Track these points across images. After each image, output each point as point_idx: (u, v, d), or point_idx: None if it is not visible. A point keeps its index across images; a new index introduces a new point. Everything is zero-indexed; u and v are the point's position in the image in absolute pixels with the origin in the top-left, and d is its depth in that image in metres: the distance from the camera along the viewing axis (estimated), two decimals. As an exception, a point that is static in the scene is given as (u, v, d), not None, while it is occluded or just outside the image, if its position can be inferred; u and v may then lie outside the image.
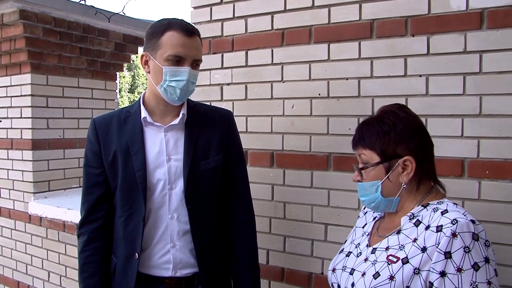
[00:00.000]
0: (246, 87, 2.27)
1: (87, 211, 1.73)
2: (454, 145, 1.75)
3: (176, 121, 1.70)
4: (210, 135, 1.75)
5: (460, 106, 1.73)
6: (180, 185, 1.69)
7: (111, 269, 1.75)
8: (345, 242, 1.56)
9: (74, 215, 3.15)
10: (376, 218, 1.49)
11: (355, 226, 1.60)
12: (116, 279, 1.73)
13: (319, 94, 2.05)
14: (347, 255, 1.45)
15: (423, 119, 1.79)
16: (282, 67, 2.15)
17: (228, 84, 2.33)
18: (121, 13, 3.96)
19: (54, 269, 3.46)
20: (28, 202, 3.56)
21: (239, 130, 1.88)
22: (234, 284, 1.83)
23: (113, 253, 1.75)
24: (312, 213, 2.09)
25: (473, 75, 1.71)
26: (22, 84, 3.55)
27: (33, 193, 3.54)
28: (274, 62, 2.17)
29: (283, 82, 2.15)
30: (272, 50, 2.17)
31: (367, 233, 1.46)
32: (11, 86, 3.64)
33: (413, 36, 1.82)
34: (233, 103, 2.31)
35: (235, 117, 1.87)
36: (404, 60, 1.84)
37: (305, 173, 2.11)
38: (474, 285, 1.12)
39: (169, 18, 1.65)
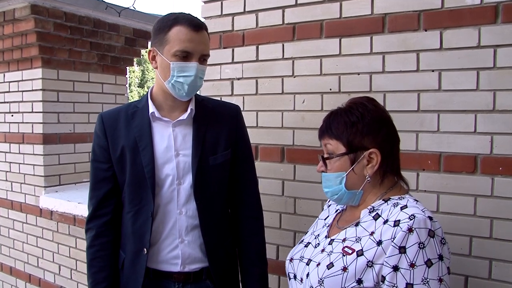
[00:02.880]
0: (256, 82, 2.26)
1: (95, 206, 1.73)
2: (466, 141, 1.73)
3: (185, 116, 1.70)
4: (218, 130, 1.74)
5: (473, 101, 1.71)
6: (188, 180, 1.68)
7: (119, 264, 1.75)
8: (306, 233, 1.57)
9: (84, 209, 3.16)
10: (338, 211, 1.50)
11: (317, 218, 1.60)
12: (124, 274, 1.73)
13: (330, 89, 2.03)
14: (306, 246, 1.45)
15: (435, 115, 1.78)
16: (293, 62, 2.14)
17: (238, 79, 2.32)
18: (132, 8, 3.96)
19: (64, 262, 3.49)
20: (39, 196, 3.59)
21: (249, 125, 1.87)
22: (242, 278, 1.83)
23: (121, 248, 1.76)
24: (322, 208, 2.08)
25: (487, 70, 1.68)
26: (33, 79, 3.56)
27: (44, 187, 3.56)
28: (285, 56, 2.16)
29: (294, 77, 2.14)
30: (283, 45, 2.16)
31: (327, 225, 1.47)
32: (22, 80, 3.66)
33: (425, 30, 1.80)
34: (243, 98, 2.30)
35: (245, 112, 1.87)
36: (417, 55, 1.82)
37: (315, 168, 2.07)
38: (425, 281, 1.13)
39: (176, 13, 1.64)
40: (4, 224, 3.96)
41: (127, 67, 4.23)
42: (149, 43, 1.76)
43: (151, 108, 1.69)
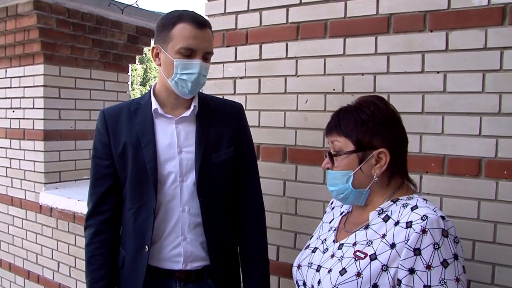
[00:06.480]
0: (259, 81, 2.24)
1: (95, 203, 1.72)
2: (471, 144, 1.71)
3: (188, 113, 1.69)
4: (221, 127, 1.73)
5: (478, 104, 1.69)
6: (191, 178, 1.67)
7: (119, 262, 1.74)
8: (311, 237, 1.53)
9: (84, 206, 3.13)
10: (344, 213, 1.47)
11: (321, 222, 1.57)
12: (124, 272, 1.72)
13: (334, 90, 2.01)
14: (313, 251, 1.42)
15: (439, 117, 1.77)
16: (297, 61, 2.12)
17: (241, 78, 2.30)
18: (135, 5, 3.94)
19: (63, 259, 3.48)
20: (39, 193, 3.58)
21: (251, 125, 1.86)
22: (243, 277, 1.82)
23: (122, 246, 1.75)
24: (324, 209, 2.06)
25: (493, 72, 1.66)
26: (35, 75, 3.55)
27: (44, 183, 3.55)
28: (288, 56, 2.14)
29: (297, 76, 2.12)
30: (287, 44, 2.14)
31: (333, 228, 1.44)
32: (24, 76, 3.65)
33: (431, 31, 1.78)
34: (246, 97, 2.28)
35: (247, 112, 1.85)
36: (422, 56, 1.80)
37: (317, 169, 2.07)
38: (443, 282, 1.12)
39: (180, 10, 1.64)
40: (3, 220, 3.96)
41: (129, 65, 4.22)
42: (152, 41, 1.74)
43: (154, 105, 1.68)
